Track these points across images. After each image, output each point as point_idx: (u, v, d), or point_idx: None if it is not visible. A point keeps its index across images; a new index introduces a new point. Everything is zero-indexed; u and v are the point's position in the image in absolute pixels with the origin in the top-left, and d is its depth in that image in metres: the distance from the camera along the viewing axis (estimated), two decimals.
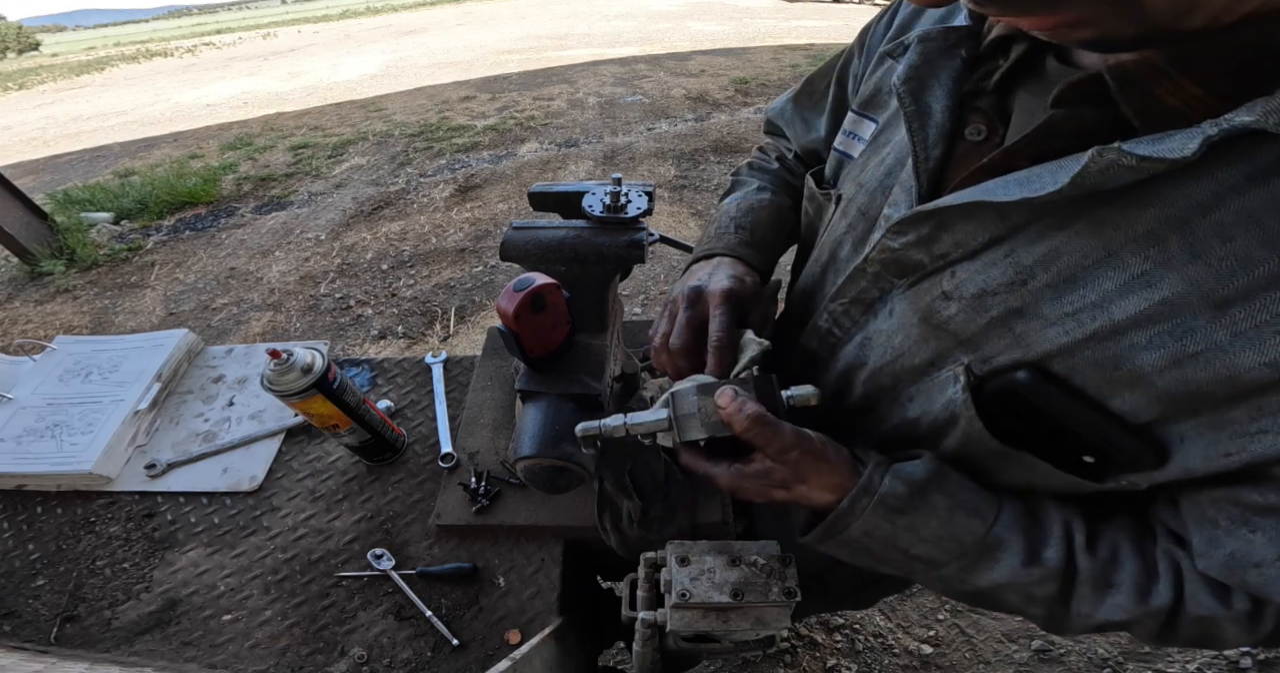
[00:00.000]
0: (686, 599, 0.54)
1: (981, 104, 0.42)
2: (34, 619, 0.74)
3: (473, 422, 0.86)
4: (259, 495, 0.84)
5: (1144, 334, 0.32)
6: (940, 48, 0.43)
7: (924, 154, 0.42)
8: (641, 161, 4.15)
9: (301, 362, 0.70)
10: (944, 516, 0.42)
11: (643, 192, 0.68)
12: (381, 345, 2.56)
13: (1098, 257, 0.32)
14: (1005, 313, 0.37)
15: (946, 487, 0.42)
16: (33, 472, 0.85)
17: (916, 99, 0.43)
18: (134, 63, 14.67)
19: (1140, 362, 0.32)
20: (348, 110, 6.33)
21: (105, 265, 3.36)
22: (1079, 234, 0.33)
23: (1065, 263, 0.34)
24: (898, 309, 0.45)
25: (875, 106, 0.53)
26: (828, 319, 0.52)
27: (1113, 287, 0.32)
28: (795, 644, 1.49)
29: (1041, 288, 0.35)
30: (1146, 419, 0.34)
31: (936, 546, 0.43)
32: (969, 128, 0.42)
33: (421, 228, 3.48)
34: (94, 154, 5.76)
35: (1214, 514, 0.36)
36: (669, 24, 10.57)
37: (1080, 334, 0.34)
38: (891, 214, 0.44)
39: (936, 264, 0.41)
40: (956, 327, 0.40)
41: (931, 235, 0.40)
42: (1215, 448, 0.32)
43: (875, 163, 0.49)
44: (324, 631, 0.70)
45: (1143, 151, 0.28)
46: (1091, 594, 0.40)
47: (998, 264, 0.37)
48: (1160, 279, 0.30)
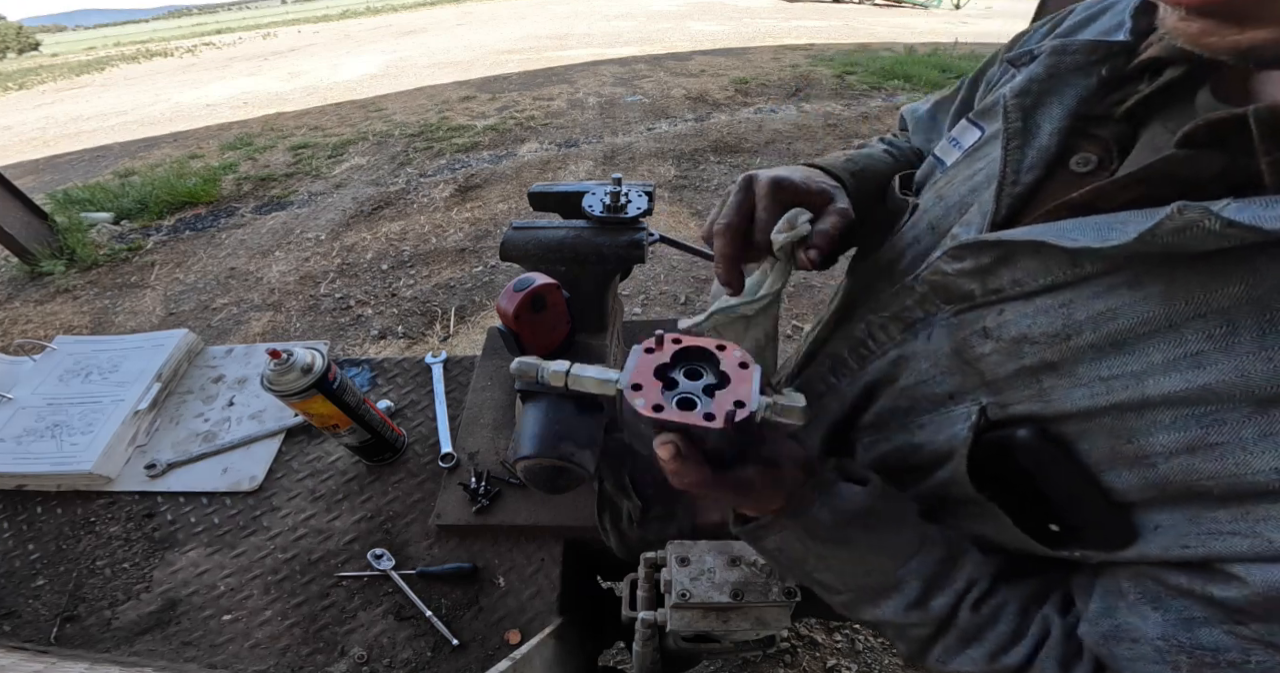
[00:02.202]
0: (686, 599, 0.54)
1: (1102, 132, 0.37)
2: (34, 619, 0.74)
3: (473, 422, 0.86)
4: (259, 495, 0.84)
5: (1170, 414, 0.29)
6: (1077, 63, 0.38)
7: (1013, 177, 0.38)
8: (641, 162, 4.15)
9: (301, 362, 0.70)
10: (858, 552, 0.41)
11: (643, 192, 0.68)
12: (381, 345, 2.56)
13: (1157, 326, 0.30)
14: (1038, 364, 0.35)
15: (873, 524, 0.41)
16: (33, 472, 0.85)
17: (1025, 116, 0.39)
18: (134, 63, 14.67)
19: (1153, 440, 0.30)
20: (348, 110, 6.33)
21: (105, 265, 3.36)
22: (1148, 299, 0.30)
23: (1119, 326, 0.31)
24: (936, 335, 0.42)
25: (988, 116, 0.47)
26: (864, 330, 0.49)
27: (1160, 360, 0.29)
28: (795, 644, 1.49)
29: (1084, 347, 0.32)
30: (1130, 501, 0.32)
31: (839, 576, 0.43)
32: (1077, 156, 0.38)
33: (421, 228, 3.48)
34: (94, 154, 5.75)
35: (1128, 588, 0.35)
36: (669, 24, 10.57)
37: (1105, 401, 0.32)
38: (959, 234, 0.41)
39: (988, 298, 0.38)
40: (986, 367, 0.38)
41: (990, 267, 0.37)
42: (1180, 540, 0.31)
43: (964, 177, 0.45)
44: (324, 631, 0.70)
45: (1235, 216, 0.24)
46: (955, 644, 0.40)
47: (1049, 312, 0.34)
48: (1213, 363, 0.28)
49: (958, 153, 0.49)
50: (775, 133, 4.48)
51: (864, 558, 0.41)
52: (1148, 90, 0.36)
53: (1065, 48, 0.39)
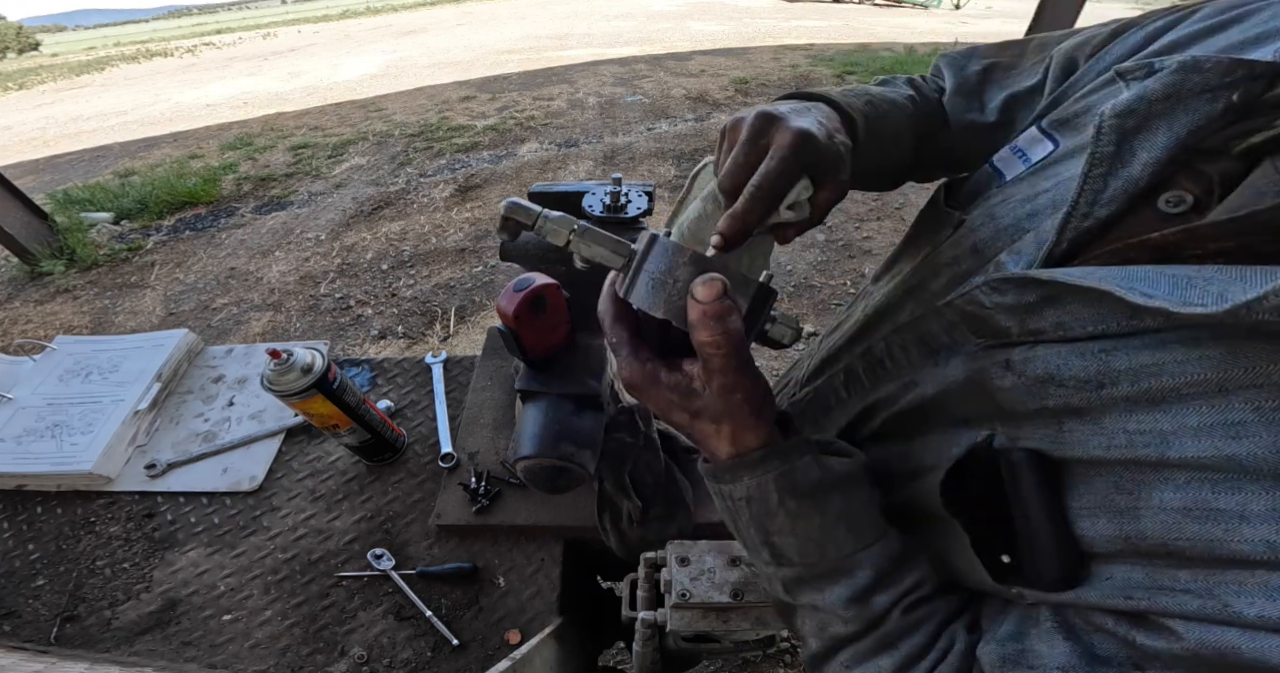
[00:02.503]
0: (686, 599, 0.54)
1: (1208, 168, 0.32)
2: (34, 619, 0.74)
3: (473, 422, 0.86)
4: (259, 495, 0.84)
5: (1185, 475, 0.27)
6: (1207, 83, 0.31)
7: (1085, 209, 0.33)
8: (641, 162, 4.15)
9: (301, 362, 0.70)
10: (829, 519, 0.38)
11: (643, 191, 0.68)
12: (381, 345, 2.56)
13: (1204, 390, 0.27)
14: (1061, 407, 0.32)
15: (851, 495, 0.39)
16: (33, 472, 0.85)
17: (1122, 139, 0.33)
18: (134, 63, 14.67)
19: (1154, 495, 0.28)
20: (348, 110, 6.34)
21: (105, 265, 3.36)
22: (1203, 360, 0.27)
23: (1161, 384, 0.28)
24: (957, 364, 0.39)
25: (1068, 128, 0.41)
26: (883, 348, 0.46)
27: (1194, 423, 0.27)
28: (795, 644, 1.49)
29: (1117, 398, 0.29)
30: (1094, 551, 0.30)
31: (800, 543, 0.39)
32: (1170, 193, 0.32)
33: (421, 228, 3.49)
34: (94, 154, 5.76)
35: (1045, 616, 0.33)
36: (669, 24, 10.57)
37: (1122, 455, 0.29)
38: (1006, 263, 0.37)
39: (1025, 338, 0.34)
40: (1004, 400, 0.35)
41: (1034, 307, 0.33)
42: (1125, 592, 0.29)
43: (1023, 196, 0.40)
44: (324, 631, 0.70)
45: None
46: (868, 650, 0.38)
47: (1085, 356, 0.31)
48: (1251, 435, 0.25)
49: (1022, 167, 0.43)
50: None
51: (834, 527, 0.38)
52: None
53: (1198, 65, 0.32)
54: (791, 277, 2.78)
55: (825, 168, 0.40)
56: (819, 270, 2.82)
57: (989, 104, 0.53)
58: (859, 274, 2.78)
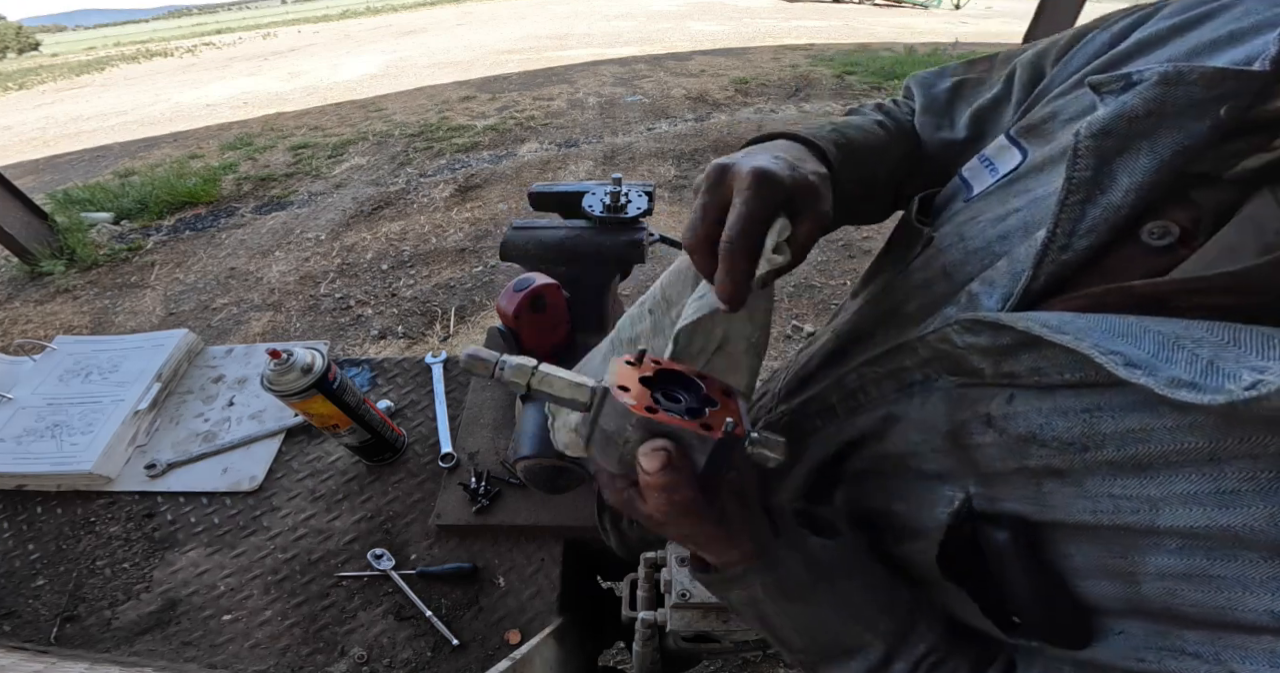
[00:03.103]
0: (686, 599, 0.54)
1: (1197, 195, 0.29)
2: (34, 619, 0.74)
3: (473, 422, 0.86)
4: (259, 495, 0.84)
5: (1177, 542, 0.26)
6: (1192, 97, 0.28)
7: (1063, 241, 0.31)
8: (641, 161, 4.15)
9: (301, 362, 0.70)
10: (826, 610, 0.38)
11: (643, 192, 0.68)
12: (381, 345, 2.56)
13: (1194, 458, 0.25)
14: (1042, 468, 0.30)
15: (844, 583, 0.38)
16: (33, 472, 0.85)
17: (1100, 163, 0.30)
18: (134, 63, 14.67)
19: (1150, 561, 0.27)
20: (348, 110, 6.33)
21: (105, 265, 3.36)
22: (1191, 429, 0.25)
23: (1150, 450, 0.26)
24: (932, 405, 0.37)
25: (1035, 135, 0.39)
26: (855, 379, 0.44)
27: (1183, 491, 0.25)
28: None
29: (1102, 462, 0.28)
30: (1102, 608, 0.30)
31: (802, 634, 0.40)
32: (1155, 223, 0.29)
33: (421, 228, 3.49)
34: (94, 154, 5.76)
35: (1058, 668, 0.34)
36: (669, 24, 10.57)
37: (1109, 521, 0.28)
38: (979, 295, 0.35)
39: (998, 381, 0.32)
40: (982, 458, 0.34)
41: (1009, 349, 0.31)
42: (1137, 652, 0.29)
43: (993, 215, 0.37)
44: (324, 631, 0.70)
45: None
46: None
47: (1069, 416, 0.29)
48: (1246, 505, 0.24)
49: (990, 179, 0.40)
50: None
51: (830, 617, 0.38)
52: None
53: (1181, 76, 0.28)
54: (792, 277, 2.78)
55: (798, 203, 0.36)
56: (819, 270, 2.82)
57: (958, 121, 0.51)
58: (858, 274, 2.78)
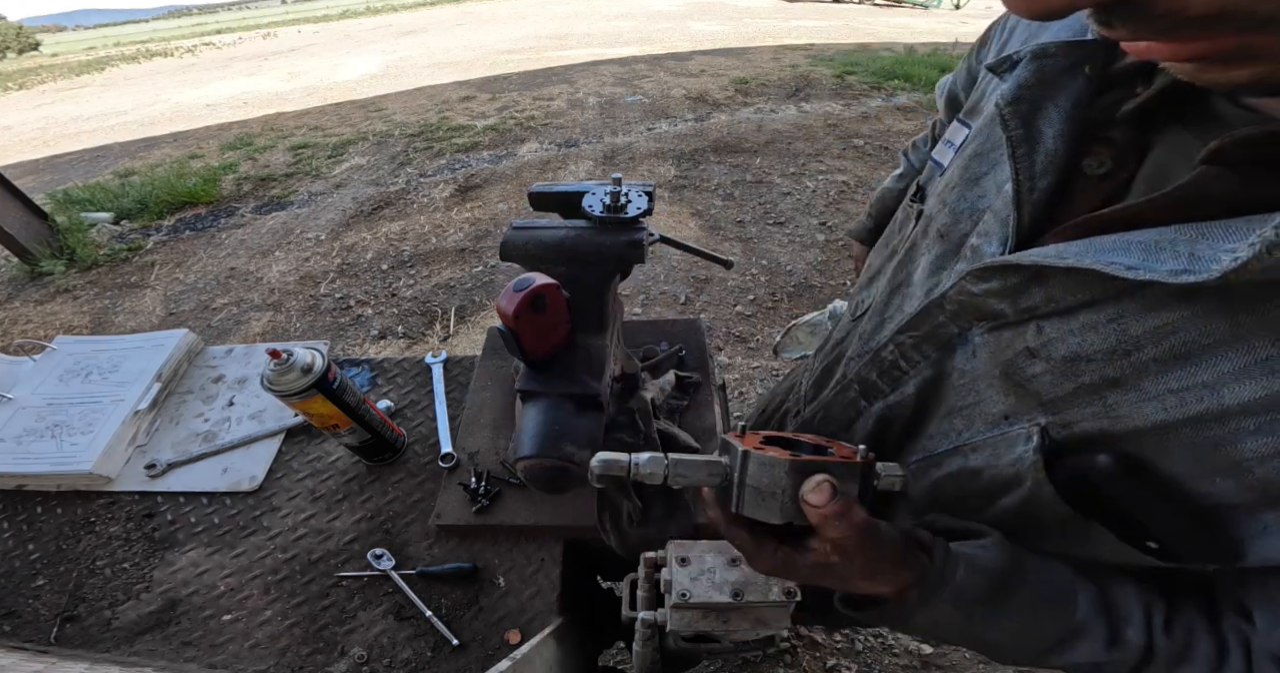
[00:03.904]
0: (686, 599, 0.54)
1: (1113, 134, 0.36)
2: (34, 619, 0.74)
3: (473, 422, 0.86)
4: (259, 495, 0.84)
5: (1253, 420, 0.28)
6: (1061, 66, 0.37)
7: (1029, 184, 0.37)
8: (641, 162, 4.15)
9: (301, 362, 0.70)
10: (1027, 610, 0.38)
11: (643, 191, 0.68)
12: (381, 345, 2.56)
13: (1221, 336, 0.29)
14: (1099, 381, 0.33)
15: (1028, 578, 0.38)
16: (33, 472, 0.85)
17: (1025, 122, 0.37)
18: (134, 63, 14.67)
19: (1242, 448, 0.29)
20: (348, 110, 6.33)
21: (105, 265, 3.36)
22: (1207, 313, 0.29)
23: (1181, 339, 0.30)
24: (980, 353, 0.40)
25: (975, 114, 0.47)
26: (893, 351, 0.47)
27: (1230, 369, 0.28)
28: (795, 644, 1.49)
29: (1147, 361, 0.31)
30: (1233, 504, 0.31)
31: (1014, 635, 0.39)
32: (1088, 159, 0.36)
33: (421, 228, 3.48)
34: (94, 154, 5.75)
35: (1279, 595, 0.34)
36: (669, 24, 10.57)
37: (1181, 414, 0.30)
38: (980, 246, 0.40)
39: (1021, 317, 0.36)
40: (1040, 387, 0.36)
41: (1020, 287, 0.35)
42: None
43: (964, 180, 0.44)
44: (324, 631, 0.70)
45: None
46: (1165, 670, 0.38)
47: (1099, 329, 0.32)
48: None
49: (950, 152, 0.48)
50: (775, 133, 4.47)
51: (1035, 611, 0.38)
52: (1146, 94, 0.34)
53: (1045, 50, 0.38)
54: (792, 277, 2.78)
55: None
56: (819, 270, 2.82)
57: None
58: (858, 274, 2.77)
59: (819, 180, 3.67)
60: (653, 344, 0.95)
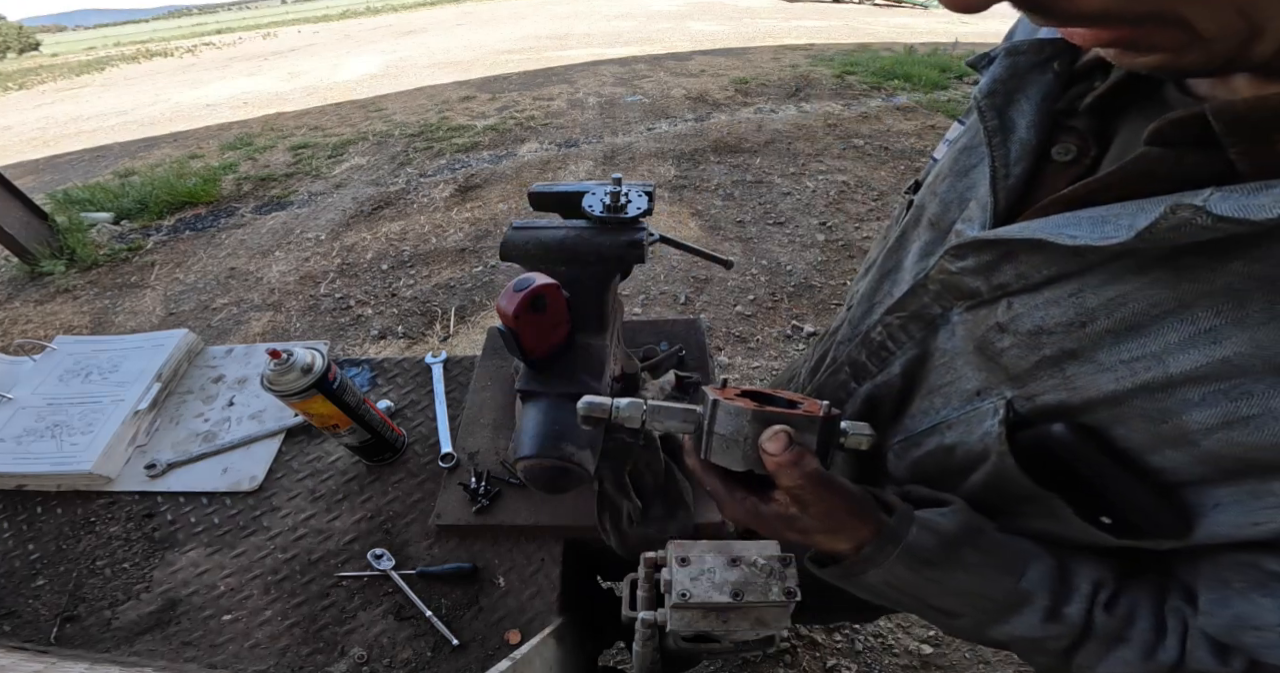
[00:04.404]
0: (686, 599, 0.54)
1: (1077, 124, 0.39)
2: (34, 619, 0.74)
3: (473, 422, 0.86)
4: (259, 495, 0.84)
5: (1198, 391, 0.30)
6: (1031, 61, 0.40)
7: (1004, 170, 0.40)
8: (641, 162, 4.15)
9: (301, 362, 0.70)
10: (974, 571, 0.40)
11: (643, 191, 0.68)
12: (381, 345, 2.56)
13: (1168, 307, 0.31)
14: (1058, 353, 0.35)
15: (979, 539, 0.40)
16: (33, 472, 0.85)
17: (1000, 113, 0.40)
18: (134, 63, 14.67)
19: (1189, 418, 0.31)
20: (348, 110, 6.33)
21: (105, 265, 3.36)
22: (1155, 283, 0.31)
23: (1131, 310, 0.32)
24: (959, 332, 0.43)
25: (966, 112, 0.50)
26: (881, 332, 0.50)
27: (1176, 339, 0.30)
28: (795, 644, 1.49)
29: (1101, 332, 0.33)
30: (1185, 480, 0.33)
31: (959, 599, 0.41)
32: (1057, 146, 0.39)
33: (421, 228, 3.48)
34: (94, 154, 5.75)
35: (1229, 575, 0.35)
36: (669, 24, 10.57)
37: (1131, 383, 0.32)
38: (964, 230, 0.42)
39: (994, 294, 0.39)
40: (1008, 361, 0.38)
41: (993, 264, 0.38)
42: (1247, 516, 0.31)
43: (954, 172, 0.47)
44: (324, 631, 0.70)
45: (1224, 210, 0.25)
46: (1099, 649, 0.39)
47: (1060, 303, 0.35)
48: (1227, 337, 0.29)
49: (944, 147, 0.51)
50: (775, 133, 4.47)
51: (983, 576, 0.40)
52: (1102, 88, 0.38)
53: (1017, 48, 0.41)
54: (792, 277, 2.78)
55: None
56: (819, 270, 2.82)
57: None
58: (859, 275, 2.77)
59: (819, 180, 3.67)
60: (653, 344, 0.95)
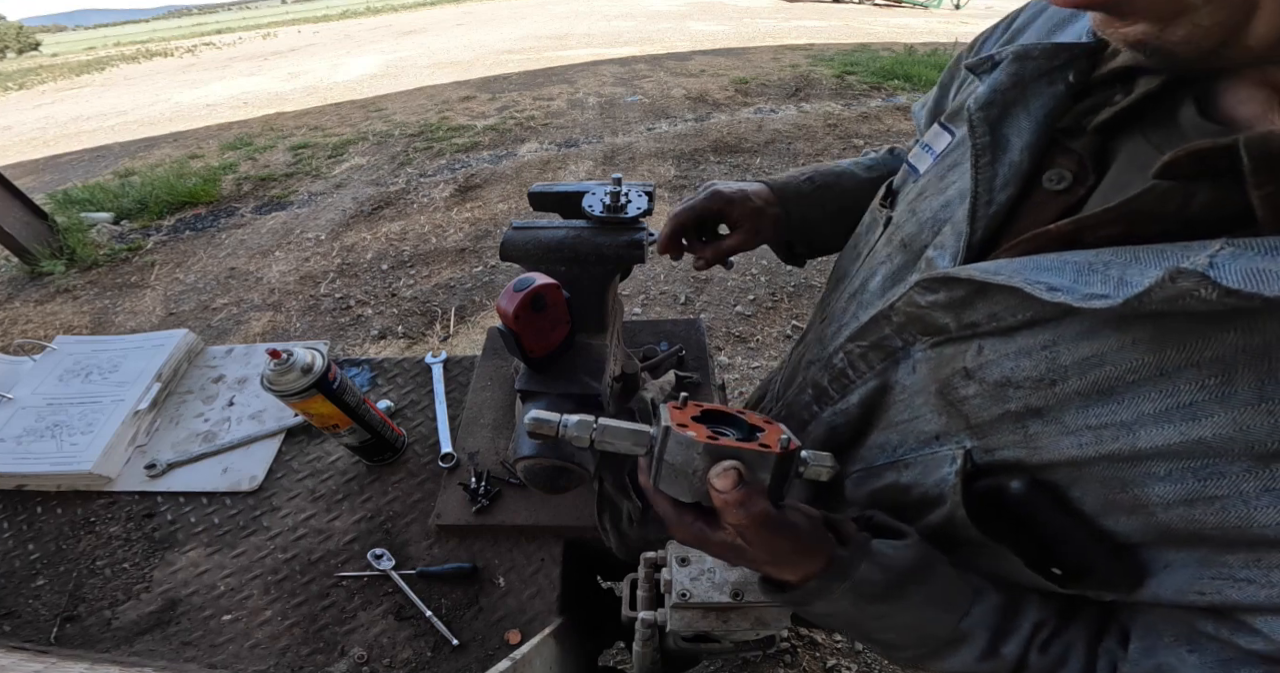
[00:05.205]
0: (686, 599, 0.54)
1: (1076, 145, 0.34)
2: (34, 619, 0.74)
3: (473, 422, 0.86)
4: (259, 495, 0.84)
5: (1164, 466, 0.28)
6: (1041, 68, 0.35)
7: (986, 196, 0.36)
8: (641, 162, 4.15)
9: (301, 362, 0.70)
10: (916, 609, 0.39)
11: (643, 191, 0.68)
12: (381, 345, 2.56)
13: (1147, 374, 0.28)
14: (1023, 410, 0.33)
15: (927, 577, 0.39)
16: (33, 472, 0.85)
17: (993, 129, 0.36)
18: (134, 63, 14.66)
19: (1150, 491, 0.29)
20: (348, 110, 6.33)
21: (105, 265, 3.36)
22: (1134, 345, 0.28)
23: (1107, 373, 0.29)
24: (921, 369, 0.40)
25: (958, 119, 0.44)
26: (843, 359, 0.47)
27: (1151, 410, 0.28)
28: (795, 644, 1.49)
29: (1070, 394, 0.31)
30: (1137, 542, 0.32)
31: (899, 634, 0.41)
32: (1050, 172, 0.35)
33: (421, 228, 3.48)
34: (94, 154, 5.75)
35: (1163, 627, 0.34)
36: (669, 24, 10.57)
37: (1095, 452, 0.30)
38: (935, 258, 0.39)
39: (964, 332, 0.36)
40: (969, 410, 0.36)
41: (965, 300, 0.35)
42: (1192, 584, 0.30)
43: (936, 189, 0.43)
44: (324, 631, 0.70)
45: (1234, 281, 0.22)
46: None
47: (1032, 355, 0.32)
48: (1208, 415, 0.26)
49: (930, 159, 0.46)
50: (775, 133, 4.47)
51: (924, 613, 0.39)
52: (1123, 103, 0.33)
53: (1028, 53, 0.36)
54: (792, 277, 2.78)
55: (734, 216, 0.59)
56: (819, 271, 2.82)
57: None
58: None
59: None
60: (653, 344, 0.95)
